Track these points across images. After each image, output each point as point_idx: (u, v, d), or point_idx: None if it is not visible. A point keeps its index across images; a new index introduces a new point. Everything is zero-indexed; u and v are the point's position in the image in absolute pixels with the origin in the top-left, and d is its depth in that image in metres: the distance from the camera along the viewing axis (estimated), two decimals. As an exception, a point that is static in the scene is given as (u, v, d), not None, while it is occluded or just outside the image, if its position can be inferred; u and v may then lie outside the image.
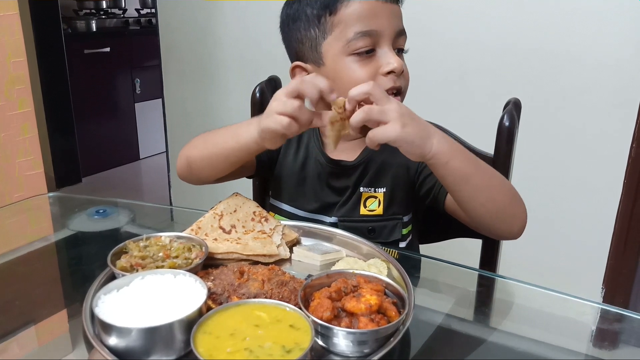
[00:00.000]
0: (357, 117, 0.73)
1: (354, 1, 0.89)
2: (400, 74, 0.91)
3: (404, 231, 0.99)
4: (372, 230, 0.86)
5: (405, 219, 0.98)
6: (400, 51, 0.94)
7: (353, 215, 0.97)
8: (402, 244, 0.99)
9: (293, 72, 0.97)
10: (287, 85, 0.79)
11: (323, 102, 0.78)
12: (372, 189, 0.97)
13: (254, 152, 0.88)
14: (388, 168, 0.98)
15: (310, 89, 0.76)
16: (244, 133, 0.85)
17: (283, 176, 1.05)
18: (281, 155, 1.05)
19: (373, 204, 0.97)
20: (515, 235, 0.87)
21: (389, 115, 0.73)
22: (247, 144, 0.85)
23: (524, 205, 0.86)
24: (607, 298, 1.75)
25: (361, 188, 0.97)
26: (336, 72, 0.92)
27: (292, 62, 0.97)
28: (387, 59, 0.90)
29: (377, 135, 0.74)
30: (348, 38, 0.90)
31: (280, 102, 0.77)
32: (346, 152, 0.99)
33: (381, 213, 0.96)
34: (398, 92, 0.92)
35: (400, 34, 0.92)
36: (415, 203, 1.00)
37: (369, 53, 0.90)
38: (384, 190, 0.97)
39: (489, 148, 1.07)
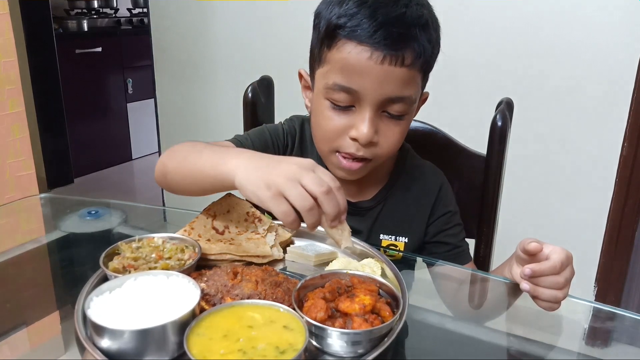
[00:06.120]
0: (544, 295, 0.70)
1: (347, 46, 0.78)
2: (368, 144, 0.82)
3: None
4: None
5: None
6: (393, 117, 0.82)
7: None
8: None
9: (299, 75, 0.94)
10: (321, 171, 0.64)
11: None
12: (393, 237, 0.95)
13: (229, 189, 0.73)
14: (411, 218, 0.96)
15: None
16: (223, 166, 0.69)
17: None
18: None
19: (393, 251, 0.95)
20: None
21: (564, 284, 0.72)
22: (223, 179, 0.69)
23: None
24: (600, 296, 1.76)
25: (381, 235, 0.96)
26: (315, 106, 0.87)
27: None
28: (359, 123, 0.80)
29: (549, 300, 0.71)
30: (327, 84, 0.81)
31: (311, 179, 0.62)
32: (361, 192, 0.95)
33: (399, 258, 0.93)
34: (363, 160, 0.84)
35: (395, 100, 0.80)
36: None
37: (347, 107, 0.81)
38: (406, 240, 0.96)
39: (482, 148, 1.07)
